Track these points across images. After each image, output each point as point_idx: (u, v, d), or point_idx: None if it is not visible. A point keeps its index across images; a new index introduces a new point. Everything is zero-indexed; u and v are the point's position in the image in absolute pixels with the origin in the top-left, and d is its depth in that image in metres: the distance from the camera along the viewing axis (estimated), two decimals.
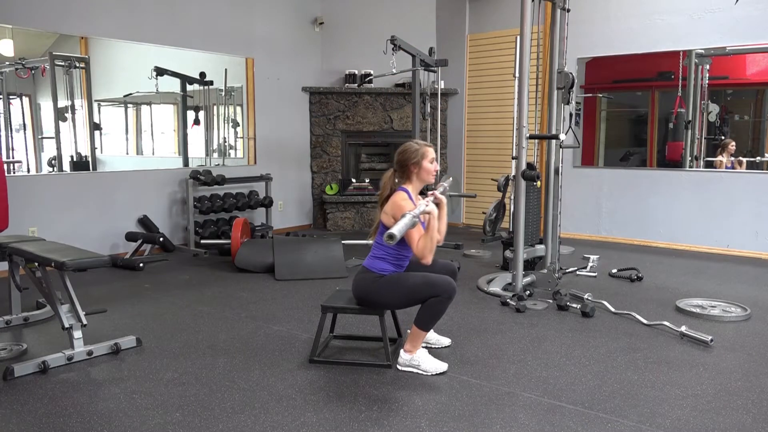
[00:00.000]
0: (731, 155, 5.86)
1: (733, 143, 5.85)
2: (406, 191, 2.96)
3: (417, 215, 2.71)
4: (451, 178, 3.31)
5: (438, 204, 2.89)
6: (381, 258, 2.98)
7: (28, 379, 2.87)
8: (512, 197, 4.85)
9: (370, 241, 3.09)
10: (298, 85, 7.34)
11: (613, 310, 3.95)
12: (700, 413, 2.54)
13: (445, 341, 3.31)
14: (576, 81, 4.80)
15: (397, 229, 2.61)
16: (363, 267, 3.02)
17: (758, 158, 5.73)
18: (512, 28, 6.91)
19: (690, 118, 6.10)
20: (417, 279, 2.89)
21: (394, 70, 5.90)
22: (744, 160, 5.82)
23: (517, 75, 5.01)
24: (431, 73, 6.61)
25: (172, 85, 6.25)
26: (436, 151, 3.27)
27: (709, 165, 6.01)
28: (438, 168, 3.05)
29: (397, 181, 3.02)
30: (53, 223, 5.16)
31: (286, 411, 2.55)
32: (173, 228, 6.16)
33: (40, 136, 5.31)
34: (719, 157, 5.91)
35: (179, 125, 6.48)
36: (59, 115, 5.39)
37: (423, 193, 3.10)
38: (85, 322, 3.13)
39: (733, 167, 5.87)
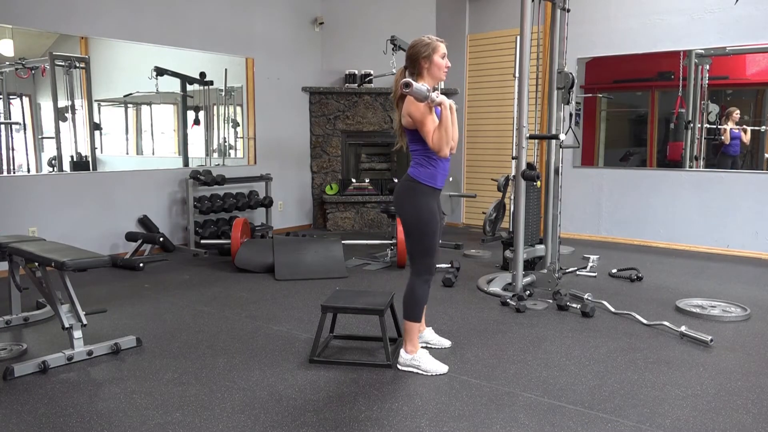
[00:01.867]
0: (735, 123, 5.85)
1: (738, 111, 5.83)
2: None
3: (431, 92, 2.68)
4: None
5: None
6: (417, 163, 2.91)
7: (28, 379, 2.87)
8: (512, 197, 4.84)
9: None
10: (298, 85, 7.34)
11: (613, 310, 3.95)
12: (700, 413, 2.54)
13: (446, 343, 3.31)
14: (576, 81, 4.80)
15: (414, 83, 2.62)
16: (407, 174, 2.96)
17: (763, 127, 5.71)
18: (512, 28, 6.92)
19: (690, 118, 6.10)
20: (428, 233, 2.87)
21: (394, 70, 5.90)
22: (748, 128, 5.80)
23: (517, 75, 5.01)
24: None
25: (172, 85, 6.25)
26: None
27: (715, 132, 5.98)
28: (449, 65, 2.98)
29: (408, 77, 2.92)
30: (53, 223, 5.16)
31: (286, 411, 2.55)
32: (173, 228, 6.16)
33: (40, 136, 5.31)
34: (724, 125, 5.89)
35: (179, 125, 6.47)
36: (59, 115, 5.38)
37: None
38: (85, 322, 3.13)
39: (738, 135, 5.87)
